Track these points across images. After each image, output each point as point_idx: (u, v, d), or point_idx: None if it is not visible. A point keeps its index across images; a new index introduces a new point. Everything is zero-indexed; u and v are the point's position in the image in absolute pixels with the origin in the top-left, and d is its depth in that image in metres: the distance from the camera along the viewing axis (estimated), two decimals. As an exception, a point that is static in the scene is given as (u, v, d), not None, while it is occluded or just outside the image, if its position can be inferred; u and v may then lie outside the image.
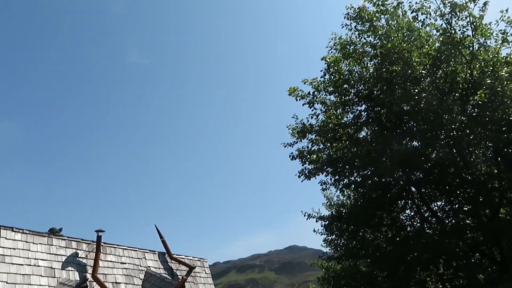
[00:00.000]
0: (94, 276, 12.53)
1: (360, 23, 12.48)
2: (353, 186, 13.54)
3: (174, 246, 16.42)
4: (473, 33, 11.48)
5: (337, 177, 13.24)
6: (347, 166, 12.91)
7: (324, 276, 14.77)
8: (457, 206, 12.78)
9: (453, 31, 11.45)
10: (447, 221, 13.10)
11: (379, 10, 12.16)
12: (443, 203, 13.47)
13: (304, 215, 13.98)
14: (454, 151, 11.89)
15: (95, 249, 13.23)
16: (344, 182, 13.54)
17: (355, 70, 13.03)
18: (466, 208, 11.95)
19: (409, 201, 13.73)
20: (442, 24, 11.73)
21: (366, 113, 13.07)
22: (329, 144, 13.33)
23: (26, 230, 12.23)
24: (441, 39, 11.67)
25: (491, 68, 11.02)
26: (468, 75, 11.42)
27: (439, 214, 13.40)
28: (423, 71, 11.68)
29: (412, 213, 14.10)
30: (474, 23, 11.36)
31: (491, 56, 11.23)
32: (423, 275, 13.23)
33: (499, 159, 11.81)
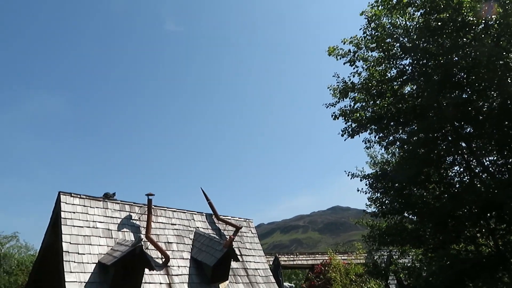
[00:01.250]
0: (148, 237, 13.28)
1: None
2: (398, 143, 13.18)
3: (219, 209, 16.94)
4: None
5: (381, 134, 12.92)
6: (392, 123, 12.52)
7: (369, 233, 14.73)
8: (510, 160, 12.16)
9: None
10: (499, 176, 12.54)
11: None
12: (495, 158, 12.86)
13: (348, 175, 13.87)
14: (509, 102, 11.19)
15: (146, 211, 13.94)
16: (389, 139, 13.21)
17: (399, 23, 12.35)
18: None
19: (458, 157, 13.21)
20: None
21: (411, 67, 12.49)
22: (372, 102, 12.94)
23: (83, 195, 13.04)
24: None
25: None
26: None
27: (490, 169, 12.84)
28: (474, 18, 10.88)
29: (462, 169, 13.61)
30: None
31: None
32: (474, 231, 12.91)
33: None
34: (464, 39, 10.95)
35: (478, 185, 11.84)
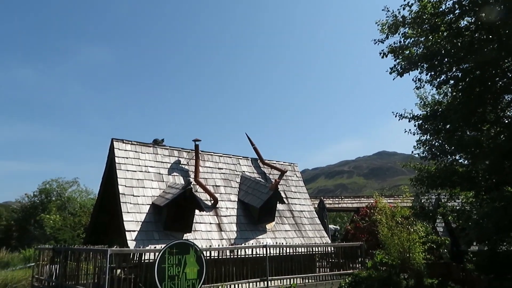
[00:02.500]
0: (197, 180, 13.82)
1: None
2: (451, 81, 12.37)
3: (264, 154, 17.11)
4: None
5: (433, 73, 12.14)
6: (445, 60, 11.70)
7: (417, 177, 14.40)
8: None
9: None
10: None
11: None
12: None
13: (395, 116, 13.37)
14: None
15: (194, 156, 14.40)
16: (441, 78, 12.42)
17: None
18: None
19: (518, 95, 12.28)
20: None
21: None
22: (424, 37, 12.05)
23: (134, 142, 13.62)
24: None
25: None
26: None
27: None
28: None
29: (522, 108, 12.69)
30: None
31: None
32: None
33: None
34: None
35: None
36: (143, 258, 9.94)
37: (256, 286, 11.34)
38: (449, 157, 12.90)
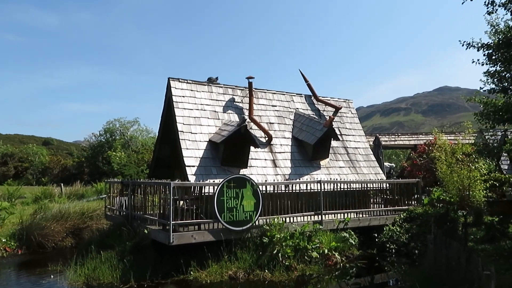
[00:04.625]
0: (251, 117, 13.99)
1: None
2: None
3: (318, 91, 16.91)
4: None
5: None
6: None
7: (483, 112, 13.53)
8: None
9: None
10: None
11: None
12: None
13: (463, 45, 12.33)
14: None
15: (248, 94, 14.47)
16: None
17: None
18: None
19: None
20: None
21: None
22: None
23: (189, 80, 13.86)
24: None
25: None
26: None
27: None
28: None
29: None
30: None
31: None
32: None
33: None
34: None
35: None
36: (203, 191, 10.51)
37: (311, 219, 11.70)
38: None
